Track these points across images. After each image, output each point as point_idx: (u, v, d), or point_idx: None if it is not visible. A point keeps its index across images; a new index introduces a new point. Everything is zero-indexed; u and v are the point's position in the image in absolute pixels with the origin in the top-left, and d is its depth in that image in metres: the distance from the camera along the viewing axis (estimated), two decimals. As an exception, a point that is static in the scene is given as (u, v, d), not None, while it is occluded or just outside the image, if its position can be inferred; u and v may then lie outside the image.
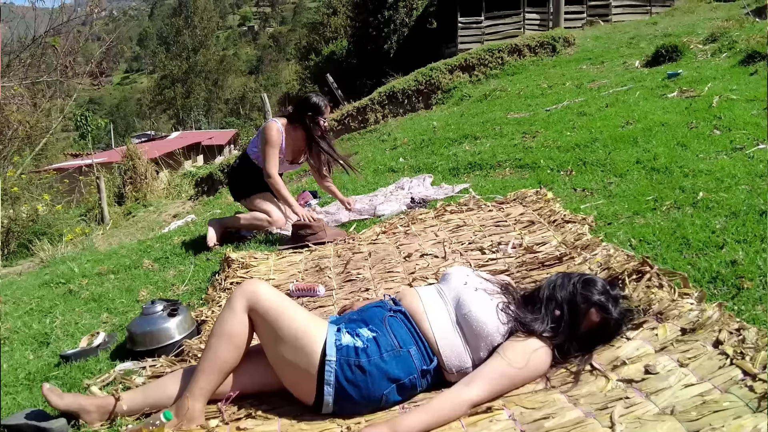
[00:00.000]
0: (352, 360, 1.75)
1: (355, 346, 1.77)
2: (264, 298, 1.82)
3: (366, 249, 3.16)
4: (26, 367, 2.50)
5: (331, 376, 1.74)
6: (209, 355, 1.84)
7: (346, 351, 1.76)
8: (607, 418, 1.50)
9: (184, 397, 1.81)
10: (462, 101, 9.06)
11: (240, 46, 77.63)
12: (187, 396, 1.80)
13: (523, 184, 3.99)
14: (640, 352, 1.75)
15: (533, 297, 1.95)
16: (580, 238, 2.63)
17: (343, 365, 1.74)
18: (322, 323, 1.86)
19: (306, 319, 1.85)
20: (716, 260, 2.28)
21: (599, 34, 11.81)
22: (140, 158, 10.95)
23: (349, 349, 1.76)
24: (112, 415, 1.88)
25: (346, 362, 1.75)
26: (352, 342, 1.78)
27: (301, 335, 1.78)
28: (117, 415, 1.87)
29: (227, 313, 1.85)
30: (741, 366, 1.53)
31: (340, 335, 1.80)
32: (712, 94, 5.14)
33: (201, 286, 3.21)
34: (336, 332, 1.81)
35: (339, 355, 1.75)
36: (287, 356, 1.79)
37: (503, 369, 1.72)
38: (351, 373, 1.74)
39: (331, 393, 1.74)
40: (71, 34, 9.71)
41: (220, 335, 1.84)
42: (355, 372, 1.74)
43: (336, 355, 1.75)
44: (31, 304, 3.40)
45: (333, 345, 1.76)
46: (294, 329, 1.79)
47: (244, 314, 1.82)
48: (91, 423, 1.88)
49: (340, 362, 1.74)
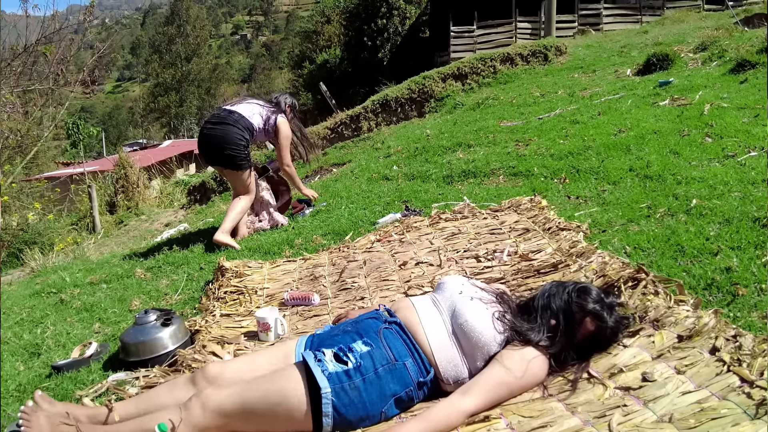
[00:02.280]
0: (347, 384, 1.71)
1: (345, 369, 1.73)
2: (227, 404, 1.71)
3: (361, 257, 3.15)
4: (17, 378, 2.47)
5: (329, 407, 1.69)
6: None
7: (338, 377, 1.71)
8: (606, 426, 1.50)
9: None
10: (455, 109, 9.07)
11: (233, 54, 77.75)
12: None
13: (517, 191, 3.99)
14: (637, 359, 1.74)
15: (528, 306, 1.94)
16: (575, 245, 2.63)
17: (339, 393, 1.70)
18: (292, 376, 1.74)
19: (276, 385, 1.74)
20: (711, 267, 2.29)
21: (591, 42, 11.88)
22: (132, 167, 10.89)
23: (339, 375, 1.72)
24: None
25: (341, 388, 1.70)
26: (341, 367, 1.73)
27: (281, 402, 1.70)
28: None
29: (181, 426, 1.69)
30: (738, 373, 1.53)
31: (324, 364, 1.73)
32: (703, 102, 5.18)
33: (194, 295, 3.18)
34: (317, 362, 1.74)
35: (332, 384, 1.70)
36: (276, 421, 1.72)
37: (501, 378, 1.71)
38: (348, 398, 1.70)
39: (330, 422, 1.71)
40: (63, 42, 9.67)
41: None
42: (351, 394, 1.71)
43: (330, 385, 1.70)
44: (21, 314, 3.36)
45: (323, 377, 1.70)
46: (271, 402, 1.71)
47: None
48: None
49: (335, 390, 1.70)
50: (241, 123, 4.02)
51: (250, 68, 71.19)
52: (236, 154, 3.98)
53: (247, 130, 4.04)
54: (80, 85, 10.36)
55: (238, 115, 4.06)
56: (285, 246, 3.73)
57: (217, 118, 4.07)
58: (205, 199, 9.79)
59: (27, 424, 1.75)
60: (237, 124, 4.00)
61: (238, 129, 4.00)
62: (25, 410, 1.78)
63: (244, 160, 4.03)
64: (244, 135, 4.01)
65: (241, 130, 4.01)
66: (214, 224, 5.29)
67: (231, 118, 4.03)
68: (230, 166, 4.04)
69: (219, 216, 6.28)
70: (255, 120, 4.11)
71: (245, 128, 4.03)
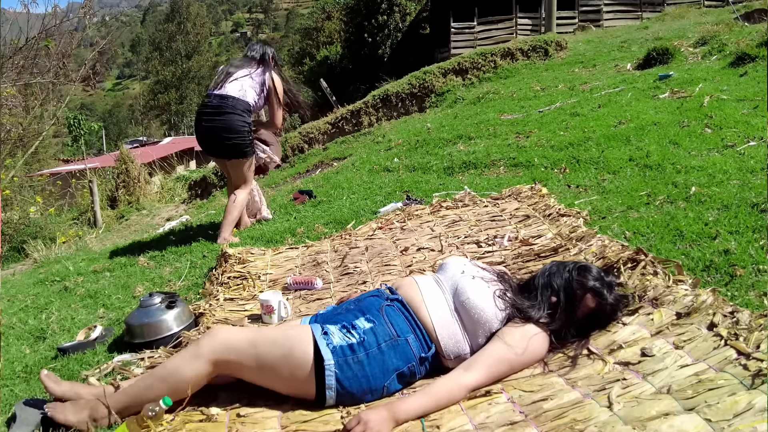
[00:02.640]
0: (350, 357, 1.74)
1: (350, 343, 1.76)
2: (237, 341, 1.76)
3: (363, 244, 3.18)
4: (23, 360, 2.49)
5: (332, 379, 1.72)
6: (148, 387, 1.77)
7: (342, 351, 1.75)
8: (605, 399, 1.52)
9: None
10: (455, 104, 9.10)
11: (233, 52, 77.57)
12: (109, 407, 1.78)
13: (518, 181, 4.01)
14: (636, 336, 1.77)
15: (529, 285, 1.97)
16: (575, 230, 2.66)
17: (342, 366, 1.73)
18: (303, 332, 1.81)
19: (285, 337, 1.80)
20: (709, 250, 2.31)
21: (591, 38, 11.91)
22: (133, 162, 10.92)
23: (344, 348, 1.75)
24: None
25: (345, 361, 1.74)
26: (345, 340, 1.77)
27: (288, 353, 1.74)
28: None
29: (188, 361, 1.75)
30: (735, 346, 1.55)
31: (329, 337, 1.77)
32: (702, 94, 5.20)
33: (198, 281, 3.21)
34: (323, 335, 1.78)
35: (335, 357, 1.73)
36: (279, 377, 1.76)
37: (502, 354, 1.74)
38: (351, 371, 1.74)
39: (333, 395, 1.74)
40: (63, 37, 9.69)
41: (170, 380, 1.75)
42: (354, 368, 1.74)
43: (333, 357, 1.73)
44: (26, 301, 3.39)
45: (327, 350, 1.74)
46: (278, 351, 1.75)
47: (209, 365, 1.75)
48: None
49: (339, 363, 1.73)
50: (239, 107, 3.82)
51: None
52: (241, 142, 3.84)
53: (247, 112, 3.87)
54: (81, 81, 10.38)
55: (233, 99, 3.83)
56: (287, 234, 3.76)
57: (212, 108, 3.84)
58: (207, 193, 9.82)
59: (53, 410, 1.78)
60: (236, 110, 3.80)
61: (238, 114, 3.81)
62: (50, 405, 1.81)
63: (250, 146, 3.91)
64: (246, 119, 3.85)
65: (241, 115, 3.82)
66: (216, 216, 5.32)
67: (227, 105, 3.81)
68: (236, 155, 3.90)
69: (220, 209, 6.30)
70: (249, 96, 3.89)
71: (244, 111, 3.85)
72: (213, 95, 3.89)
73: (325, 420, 1.70)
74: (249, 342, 1.76)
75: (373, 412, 1.59)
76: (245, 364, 1.75)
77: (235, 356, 1.75)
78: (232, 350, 1.75)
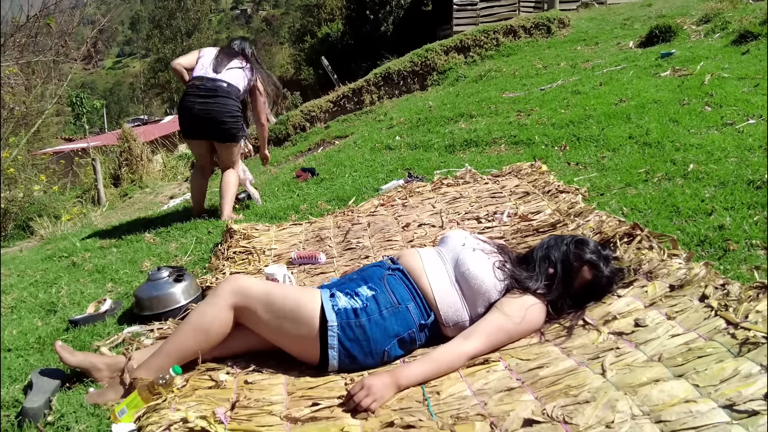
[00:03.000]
0: (353, 321, 1.82)
1: (353, 307, 1.84)
2: (252, 287, 1.87)
3: (365, 220, 3.23)
4: (36, 332, 2.57)
5: (334, 340, 1.81)
6: (177, 343, 1.85)
7: (345, 314, 1.83)
8: (599, 366, 1.59)
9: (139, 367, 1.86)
10: (457, 82, 9.08)
11: (233, 29, 76.90)
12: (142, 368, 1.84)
13: (518, 159, 4.05)
14: (630, 307, 1.83)
15: (527, 257, 2.03)
16: (573, 206, 2.71)
17: (344, 327, 1.81)
18: (313, 292, 1.91)
19: (296, 292, 1.92)
20: (704, 225, 2.36)
21: (594, 15, 11.81)
22: (135, 140, 10.92)
23: (347, 311, 1.83)
24: (122, 374, 1.95)
25: (347, 324, 1.82)
26: (350, 304, 1.85)
27: (296, 308, 1.84)
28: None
29: (210, 307, 1.86)
30: (725, 317, 1.61)
31: (336, 300, 1.86)
32: (704, 72, 5.20)
33: (204, 256, 3.27)
34: (330, 297, 1.87)
35: (339, 319, 1.82)
36: (286, 331, 1.85)
37: (500, 323, 1.81)
38: (353, 334, 1.81)
39: (336, 356, 1.82)
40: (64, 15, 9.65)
41: (197, 328, 1.85)
42: (356, 331, 1.82)
43: (336, 319, 1.81)
44: (35, 276, 3.46)
45: (331, 310, 1.83)
46: (288, 305, 1.84)
47: (230, 311, 1.85)
48: (101, 380, 1.95)
49: (341, 325, 1.81)
50: (233, 93, 3.92)
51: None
52: (233, 126, 3.93)
53: (238, 99, 3.98)
54: (82, 60, 10.35)
55: (227, 85, 3.91)
56: (291, 211, 3.82)
57: (206, 91, 3.87)
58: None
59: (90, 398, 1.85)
60: (230, 95, 3.90)
61: (233, 100, 3.91)
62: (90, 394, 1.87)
63: (241, 130, 4.02)
64: (239, 104, 3.96)
65: (235, 101, 3.93)
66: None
67: (223, 90, 3.89)
68: (228, 139, 3.98)
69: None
70: (241, 85, 4.01)
71: (237, 97, 3.96)
72: (206, 78, 3.91)
73: (330, 386, 1.77)
74: (263, 291, 1.86)
75: (375, 378, 1.65)
76: (258, 311, 1.84)
77: (249, 302, 1.84)
78: (247, 295, 1.84)
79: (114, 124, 29.43)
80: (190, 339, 1.84)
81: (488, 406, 1.55)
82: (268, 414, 1.65)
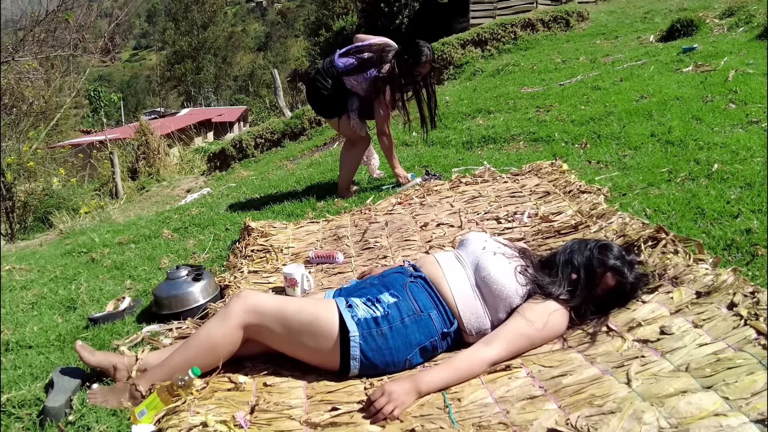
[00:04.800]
0: (374, 330, 1.80)
1: (374, 316, 1.82)
2: (265, 304, 1.82)
3: (382, 219, 3.21)
4: (56, 329, 2.58)
5: (357, 350, 1.78)
6: (184, 357, 1.81)
7: (366, 323, 1.80)
8: (624, 375, 1.56)
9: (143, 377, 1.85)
10: (474, 76, 9.01)
11: (248, 22, 76.98)
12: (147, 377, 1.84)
13: (538, 157, 4.00)
14: (656, 314, 1.79)
15: (550, 262, 2.00)
16: (595, 207, 2.66)
17: (366, 337, 1.78)
18: (328, 303, 1.87)
19: (311, 305, 1.86)
20: (731, 229, 2.31)
21: (613, 8, 11.66)
22: (153, 134, 11.02)
23: (368, 321, 1.81)
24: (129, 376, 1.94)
25: (369, 333, 1.79)
26: (370, 313, 1.82)
27: (314, 321, 1.80)
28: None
29: (220, 325, 1.81)
30: (755, 326, 1.57)
31: (354, 310, 1.82)
32: (727, 68, 5.11)
33: (222, 254, 3.28)
34: (347, 308, 1.83)
35: (360, 329, 1.79)
36: (304, 345, 1.81)
37: (522, 329, 1.78)
38: (375, 343, 1.79)
39: (357, 365, 1.80)
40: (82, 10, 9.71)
41: (205, 346, 1.81)
42: (378, 341, 1.79)
43: (358, 330, 1.79)
44: (55, 272, 3.48)
45: (352, 321, 1.79)
46: (305, 319, 1.80)
47: (240, 330, 1.81)
48: (120, 380, 1.95)
49: (363, 335, 1.78)
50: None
51: (266, 36, 70.58)
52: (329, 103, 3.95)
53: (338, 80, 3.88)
54: (100, 53, 10.43)
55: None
56: (308, 208, 3.81)
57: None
58: (225, 165, 9.88)
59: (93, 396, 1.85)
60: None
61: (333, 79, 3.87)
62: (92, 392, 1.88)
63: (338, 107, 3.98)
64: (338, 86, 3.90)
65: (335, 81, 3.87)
66: (236, 188, 5.38)
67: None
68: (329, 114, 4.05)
69: (240, 181, 6.36)
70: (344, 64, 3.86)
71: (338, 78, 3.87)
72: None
73: (349, 391, 1.76)
74: (277, 306, 1.82)
75: (396, 384, 1.63)
76: (273, 329, 1.81)
77: (263, 319, 1.80)
78: (260, 313, 1.81)
79: (131, 116, 29.69)
80: (198, 356, 1.80)
81: (510, 415, 1.52)
82: (288, 418, 1.64)
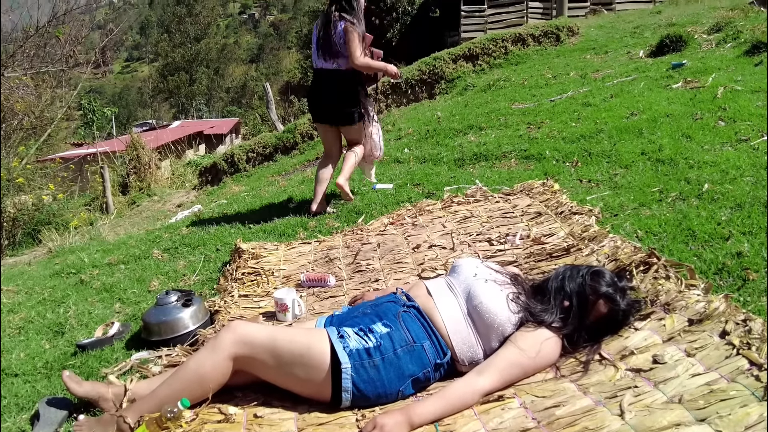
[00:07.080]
0: (366, 361, 1.77)
1: (366, 347, 1.79)
2: (256, 335, 1.79)
3: (374, 240, 3.20)
4: (43, 356, 2.55)
5: (348, 382, 1.76)
6: (172, 389, 1.78)
7: (359, 354, 1.78)
8: (617, 406, 1.55)
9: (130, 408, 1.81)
10: (466, 91, 9.04)
11: (240, 34, 77.12)
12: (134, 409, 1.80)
13: (529, 175, 4.01)
14: (648, 342, 1.78)
15: (542, 288, 1.99)
16: (587, 229, 2.66)
17: (358, 369, 1.76)
18: (320, 333, 1.84)
19: (303, 336, 1.84)
20: (722, 252, 2.32)
21: (603, 23, 11.75)
22: (144, 148, 10.95)
23: (360, 352, 1.78)
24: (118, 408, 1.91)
25: (361, 365, 1.77)
26: (362, 344, 1.80)
27: (306, 352, 1.77)
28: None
29: (210, 357, 1.78)
30: (747, 356, 1.56)
31: (346, 341, 1.80)
32: (716, 84, 5.15)
33: (212, 276, 3.25)
34: (339, 338, 1.81)
35: (352, 360, 1.76)
36: (295, 376, 1.79)
37: (515, 358, 1.77)
38: (367, 374, 1.77)
39: (349, 397, 1.77)
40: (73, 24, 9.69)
41: (194, 378, 1.78)
42: (370, 372, 1.77)
43: (350, 361, 1.76)
44: (43, 294, 3.44)
45: (344, 353, 1.77)
46: (296, 350, 1.78)
47: (230, 361, 1.78)
48: (109, 410, 1.92)
49: (355, 367, 1.76)
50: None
51: (258, 48, 70.71)
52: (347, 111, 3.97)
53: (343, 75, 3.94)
54: (91, 67, 10.40)
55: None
56: (299, 228, 3.79)
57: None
58: (217, 180, 9.84)
59: (79, 428, 1.81)
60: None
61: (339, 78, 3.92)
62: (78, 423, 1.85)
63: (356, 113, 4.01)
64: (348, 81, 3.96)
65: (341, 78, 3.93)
66: (228, 206, 5.35)
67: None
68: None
69: (231, 197, 6.34)
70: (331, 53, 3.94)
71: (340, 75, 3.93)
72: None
73: (341, 423, 1.73)
74: (267, 338, 1.79)
75: (388, 417, 1.62)
76: (263, 360, 1.78)
77: (254, 351, 1.78)
78: (250, 344, 1.78)
79: (122, 128, 29.60)
80: (187, 388, 1.77)
81: (503, 448, 1.51)
82: (279, 452, 1.62)
